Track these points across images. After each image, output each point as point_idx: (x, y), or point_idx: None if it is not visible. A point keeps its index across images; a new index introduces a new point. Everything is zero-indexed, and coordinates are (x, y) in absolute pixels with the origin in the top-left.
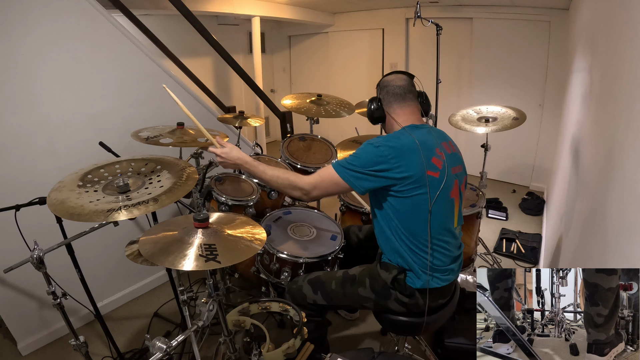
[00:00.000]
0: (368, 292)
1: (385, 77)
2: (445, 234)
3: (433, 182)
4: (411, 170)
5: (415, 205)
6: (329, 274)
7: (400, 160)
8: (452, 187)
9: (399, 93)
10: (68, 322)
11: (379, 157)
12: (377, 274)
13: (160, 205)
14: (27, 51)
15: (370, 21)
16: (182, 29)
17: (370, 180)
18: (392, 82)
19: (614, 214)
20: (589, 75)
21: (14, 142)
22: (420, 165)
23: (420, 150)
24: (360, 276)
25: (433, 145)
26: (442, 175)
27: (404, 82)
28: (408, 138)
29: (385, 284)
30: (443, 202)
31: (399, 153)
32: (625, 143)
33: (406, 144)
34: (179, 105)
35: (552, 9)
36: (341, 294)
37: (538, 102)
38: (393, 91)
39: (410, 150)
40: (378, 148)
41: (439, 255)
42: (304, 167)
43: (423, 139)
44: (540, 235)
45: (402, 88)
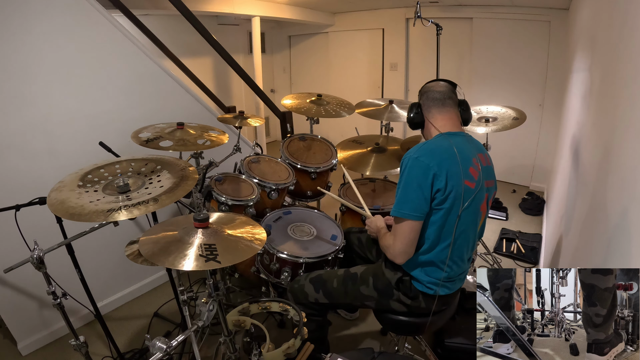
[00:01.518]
0: (370, 291)
1: (427, 83)
2: (464, 246)
3: (467, 193)
4: (451, 178)
5: (444, 217)
6: (330, 273)
7: (441, 165)
8: (482, 200)
9: (438, 98)
10: (68, 322)
11: (422, 167)
12: (381, 272)
13: (160, 205)
14: (27, 51)
15: (370, 21)
16: (182, 29)
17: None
18: (433, 87)
19: (613, 213)
20: (589, 75)
21: (14, 142)
22: (458, 173)
23: (458, 158)
24: (363, 274)
25: (470, 154)
26: (476, 187)
27: (444, 89)
28: (446, 143)
29: (389, 284)
30: (471, 215)
31: (439, 159)
32: (625, 143)
33: (445, 149)
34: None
35: (552, 9)
36: (343, 292)
37: (538, 102)
38: (432, 96)
39: (448, 156)
40: (417, 159)
41: (454, 266)
42: (304, 167)
43: (461, 147)
44: (540, 235)
45: (441, 94)
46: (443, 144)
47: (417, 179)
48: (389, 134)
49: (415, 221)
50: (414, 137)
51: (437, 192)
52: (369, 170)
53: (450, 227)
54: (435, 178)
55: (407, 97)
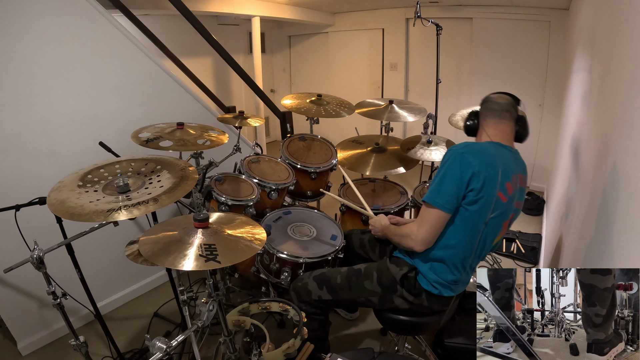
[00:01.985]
0: (374, 286)
1: (491, 94)
2: (479, 255)
3: (498, 204)
4: (487, 182)
5: (469, 220)
6: (334, 270)
7: (482, 169)
8: (507, 218)
9: (495, 109)
10: (68, 322)
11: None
12: (385, 268)
13: (160, 205)
14: (27, 51)
15: (370, 21)
16: (182, 29)
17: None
18: (494, 99)
19: (613, 213)
20: (589, 75)
21: (14, 142)
22: (495, 182)
23: (499, 168)
24: (367, 270)
25: (512, 170)
26: (507, 202)
27: (505, 101)
28: (493, 150)
29: (394, 279)
30: (494, 227)
31: (482, 161)
32: (625, 143)
33: (490, 155)
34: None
35: (552, 9)
36: (347, 288)
37: (538, 102)
38: (491, 107)
39: (491, 163)
40: (462, 155)
41: (463, 271)
42: (304, 167)
43: (505, 159)
44: (540, 235)
45: (500, 105)
46: (490, 150)
47: (457, 173)
48: (389, 134)
49: (444, 213)
50: (415, 137)
51: (471, 191)
52: (369, 170)
53: (470, 232)
54: (473, 177)
55: (407, 97)
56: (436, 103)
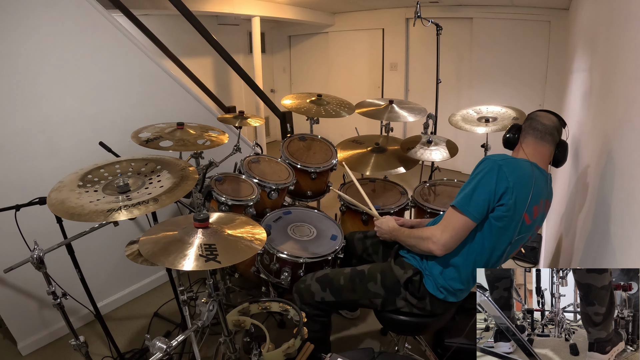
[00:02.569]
0: (378, 288)
1: (538, 110)
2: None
3: (523, 226)
4: (518, 201)
5: (490, 236)
6: (336, 271)
7: (516, 186)
8: (526, 240)
9: (539, 129)
10: (68, 322)
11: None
12: (389, 269)
13: (160, 205)
14: (27, 51)
15: (370, 21)
16: (182, 29)
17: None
18: (540, 117)
19: (613, 213)
20: (589, 75)
21: (14, 142)
22: (524, 203)
23: (532, 190)
24: (371, 271)
25: (542, 194)
26: (530, 225)
27: (551, 123)
28: (529, 171)
29: (398, 282)
30: (510, 247)
31: (517, 179)
32: (625, 143)
33: (527, 175)
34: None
35: (552, 9)
36: (350, 289)
37: (538, 102)
38: (535, 126)
39: (525, 183)
40: (500, 167)
41: (471, 282)
42: (304, 167)
43: (539, 182)
44: (540, 235)
45: (545, 127)
46: (527, 169)
47: (492, 184)
48: (389, 134)
49: (472, 221)
50: (415, 137)
51: (501, 205)
52: (369, 170)
53: (491, 248)
54: (507, 192)
55: (407, 97)
56: (436, 103)
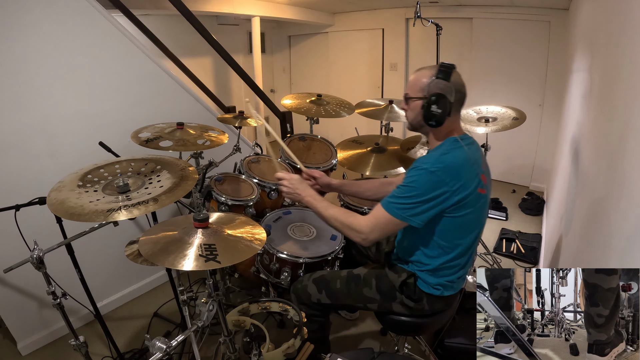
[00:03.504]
0: (373, 293)
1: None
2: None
3: (480, 200)
4: (468, 189)
5: (463, 224)
6: (333, 273)
7: (459, 181)
8: (488, 203)
9: (463, 102)
10: (68, 322)
11: (437, 182)
12: (384, 274)
13: (160, 205)
14: (27, 51)
15: (370, 21)
16: (182, 29)
17: (428, 210)
18: (463, 86)
19: (614, 213)
20: (589, 75)
21: (14, 142)
22: (473, 184)
23: (475, 167)
24: (366, 276)
25: (479, 159)
26: (487, 193)
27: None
28: (462, 153)
29: (393, 286)
30: (481, 219)
31: (456, 173)
32: (625, 143)
33: (461, 160)
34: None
35: (552, 9)
36: (346, 293)
37: (538, 102)
38: (462, 98)
39: (465, 169)
40: (434, 173)
41: (462, 269)
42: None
43: (473, 152)
44: (540, 235)
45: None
46: (459, 154)
47: (429, 192)
48: (389, 134)
49: (399, 220)
50: (414, 137)
51: (451, 206)
52: (369, 170)
53: (462, 234)
54: (450, 195)
55: None
56: None
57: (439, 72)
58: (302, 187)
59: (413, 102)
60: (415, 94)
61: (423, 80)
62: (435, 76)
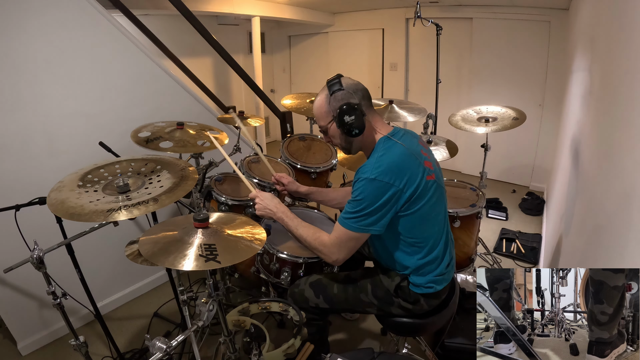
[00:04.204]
0: (370, 298)
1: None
2: (447, 235)
3: (432, 186)
4: (414, 182)
5: (423, 215)
6: (330, 277)
7: (403, 178)
8: (442, 183)
9: (369, 97)
10: (68, 322)
11: (382, 187)
12: (378, 280)
13: (160, 205)
14: (26, 51)
15: (370, 21)
16: (182, 29)
17: (384, 215)
18: (357, 84)
19: (613, 214)
20: (589, 75)
21: (14, 142)
22: (419, 174)
23: (416, 157)
24: (361, 283)
25: (417, 146)
26: (437, 176)
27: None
28: (398, 149)
29: (388, 291)
30: (442, 202)
31: (398, 171)
32: (625, 143)
33: (400, 157)
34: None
35: (552, 9)
36: (343, 299)
37: (538, 102)
38: (364, 95)
39: (406, 164)
40: (376, 180)
41: (446, 257)
42: (303, 167)
43: (409, 143)
44: (540, 235)
45: (365, 90)
46: (395, 151)
47: (379, 199)
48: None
49: (359, 233)
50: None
51: (404, 205)
52: None
53: (426, 225)
54: (400, 193)
55: (407, 97)
56: (436, 103)
57: (329, 88)
58: (273, 203)
59: (330, 129)
60: (326, 120)
61: (323, 104)
62: (329, 94)
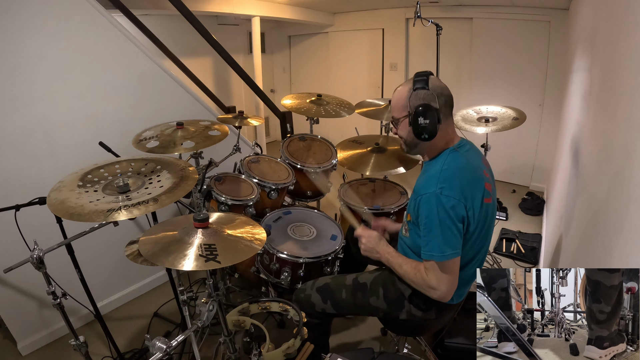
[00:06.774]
0: (380, 303)
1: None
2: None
3: (487, 210)
4: (474, 201)
5: (468, 238)
6: (338, 281)
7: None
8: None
9: (451, 105)
10: (68, 322)
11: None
12: (391, 282)
13: (160, 205)
14: (26, 51)
15: (370, 21)
16: (182, 29)
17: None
18: (445, 89)
19: (613, 213)
20: (589, 75)
21: (14, 142)
22: (479, 195)
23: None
24: (373, 285)
25: (480, 165)
26: (493, 200)
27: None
28: (461, 162)
29: (401, 295)
30: (490, 228)
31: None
32: (625, 143)
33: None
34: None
35: (552, 9)
36: (352, 304)
37: (538, 102)
38: (448, 101)
39: (468, 180)
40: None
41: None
42: (303, 167)
43: (473, 160)
44: (540, 235)
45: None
46: (458, 164)
47: (449, 216)
48: (389, 134)
49: (458, 257)
50: None
51: (468, 224)
52: (369, 170)
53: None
54: (466, 209)
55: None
56: None
57: (415, 83)
58: (381, 244)
59: (401, 122)
60: (400, 113)
61: (403, 97)
62: (412, 89)
